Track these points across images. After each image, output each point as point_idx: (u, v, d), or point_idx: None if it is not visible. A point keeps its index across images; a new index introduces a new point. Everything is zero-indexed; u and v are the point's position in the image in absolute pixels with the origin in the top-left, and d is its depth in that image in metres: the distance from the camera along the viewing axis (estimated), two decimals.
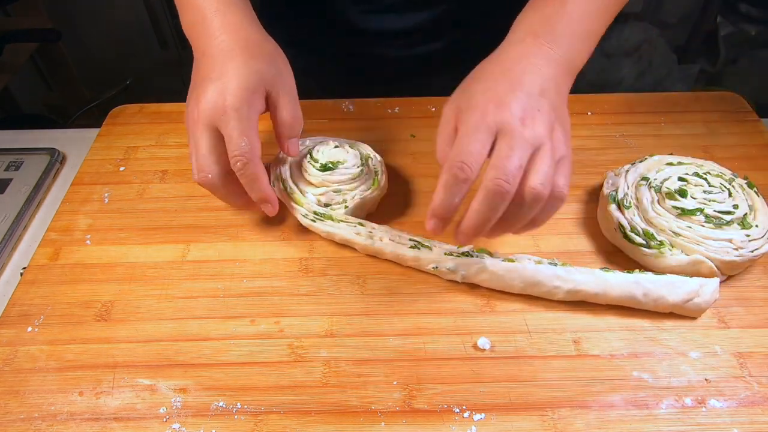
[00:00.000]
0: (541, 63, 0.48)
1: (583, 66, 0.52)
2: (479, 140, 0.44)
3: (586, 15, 0.51)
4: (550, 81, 0.48)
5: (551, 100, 0.47)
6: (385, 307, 0.52)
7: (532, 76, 0.48)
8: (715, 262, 0.51)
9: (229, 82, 0.50)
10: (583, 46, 0.51)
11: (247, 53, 0.51)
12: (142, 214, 0.61)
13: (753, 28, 1.50)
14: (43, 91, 1.72)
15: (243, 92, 0.50)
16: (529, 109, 0.45)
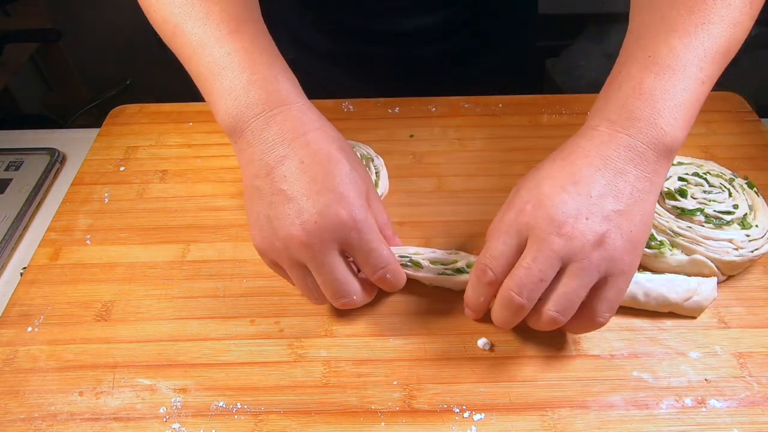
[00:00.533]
0: (614, 156, 0.41)
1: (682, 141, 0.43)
2: (506, 243, 0.42)
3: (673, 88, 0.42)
4: (624, 178, 0.41)
5: (618, 201, 0.41)
6: (385, 307, 0.52)
7: (598, 173, 0.41)
8: (715, 262, 0.51)
9: (347, 193, 0.43)
10: (676, 121, 0.42)
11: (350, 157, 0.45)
12: (142, 214, 0.61)
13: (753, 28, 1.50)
14: (43, 91, 1.72)
15: (363, 201, 0.44)
16: (575, 214, 0.40)
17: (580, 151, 0.42)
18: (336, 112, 0.72)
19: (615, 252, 0.40)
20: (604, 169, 0.41)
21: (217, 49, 0.45)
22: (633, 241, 0.41)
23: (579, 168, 0.42)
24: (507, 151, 0.67)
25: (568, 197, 0.41)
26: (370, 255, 0.44)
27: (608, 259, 0.40)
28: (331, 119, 0.70)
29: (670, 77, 0.42)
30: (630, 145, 0.41)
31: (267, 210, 0.44)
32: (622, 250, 0.41)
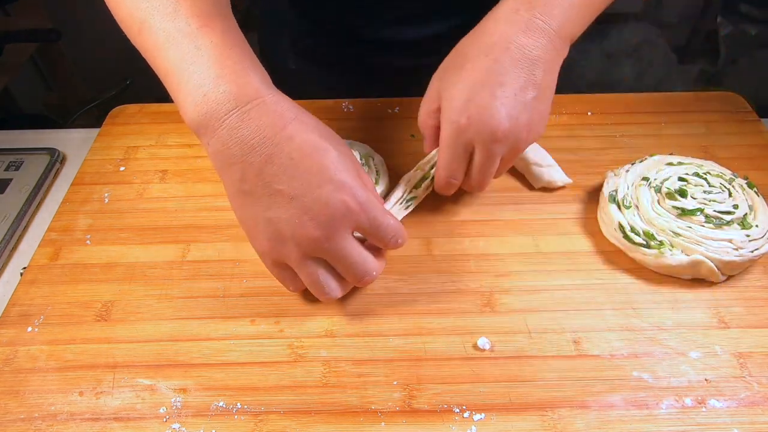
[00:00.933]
0: (531, 44, 0.48)
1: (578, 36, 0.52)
2: (456, 155, 0.51)
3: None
4: (539, 67, 0.48)
5: (536, 91, 0.48)
6: (385, 307, 0.52)
7: (515, 68, 0.48)
8: (715, 262, 0.51)
9: (344, 179, 0.43)
10: (580, 16, 0.50)
11: (332, 140, 0.45)
12: (142, 214, 0.61)
13: (753, 28, 1.51)
14: (43, 91, 1.72)
15: (360, 180, 0.45)
16: (506, 118, 0.48)
17: (502, 42, 0.48)
18: (336, 112, 0.72)
19: (536, 131, 0.50)
20: (523, 61, 0.48)
21: (186, 45, 0.43)
22: (545, 116, 0.51)
23: (503, 66, 0.47)
24: None
25: (499, 104, 0.47)
26: (380, 230, 0.46)
27: (533, 138, 0.51)
28: (332, 119, 0.70)
29: None
30: (543, 31, 0.48)
31: (266, 212, 0.43)
32: (539, 127, 0.50)
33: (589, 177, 0.63)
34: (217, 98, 0.42)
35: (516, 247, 0.57)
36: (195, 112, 0.43)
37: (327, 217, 0.42)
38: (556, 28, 0.48)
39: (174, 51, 0.43)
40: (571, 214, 0.60)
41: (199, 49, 0.43)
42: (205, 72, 0.42)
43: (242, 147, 0.42)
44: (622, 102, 0.73)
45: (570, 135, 0.69)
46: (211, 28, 0.44)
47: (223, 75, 0.42)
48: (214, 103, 0.42)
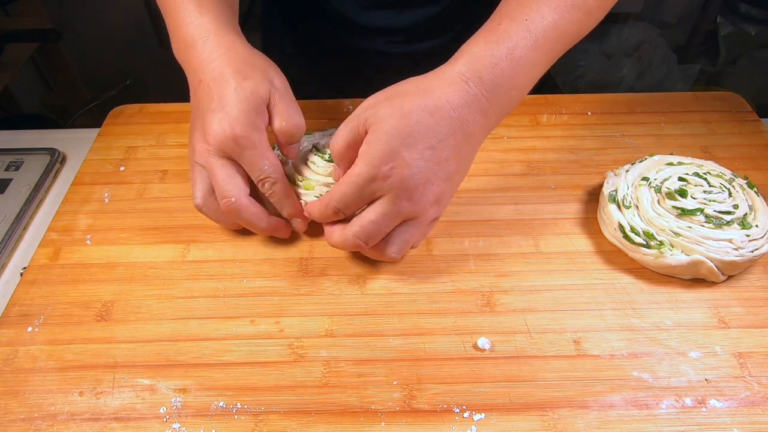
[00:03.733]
0: (471, 120, 0.47)
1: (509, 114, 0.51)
2: (361, 197, 0.48)
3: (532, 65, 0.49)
4: (468, 143, 0.48)
5: (458, 165, 0.48)
6: (385, 307, 0.52)
7: (450, 137, 0.47)
8: (715, 262, 0.51)
9: (231, 109, 0.50)
10: (517, 98, 0.50)
11: (240, 75, 0.51)
12: (142, 214, 0.61)
13: (753, 28, 1.51)
14: (43, 91, 1.72)
15: (247, 117, 0.50)
16: (422, 182, 0.47)
17: (447, 109, 0.47)
18: (337, 112, 0.72)
19: (444, 206, 0.50)
20: (458, 132, 0.47)
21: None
22: (453, 193, 0.51)
23: (440, 131, 0.46)
24: (507, 151, 0.67)
25: (423, 165, 0.46)
26: (252, 167, 0.51)
27: (439, 212, 0.50)
28: (332, 119, 0.70)
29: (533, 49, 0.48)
30: (484, 111, 0.48)
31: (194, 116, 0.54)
32: (444, 203, 0.50)
33: (589, 177, 0.63)
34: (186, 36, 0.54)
35: (516, 247, 0.57)
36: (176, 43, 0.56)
37: (213, 138, 0.50)
38: (496, 110, 0.48)
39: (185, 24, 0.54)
40: (571, 214, 0.60)
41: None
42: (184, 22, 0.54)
43: (193, 75, 0.53)
44: (622, 102, 0.73)
45: (570, 135, 0.69)
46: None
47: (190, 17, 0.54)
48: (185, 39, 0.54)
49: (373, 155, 0.46)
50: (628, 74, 1.52)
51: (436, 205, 0.49)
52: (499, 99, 0.48)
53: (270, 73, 0.54)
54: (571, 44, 0.52)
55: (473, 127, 0.48)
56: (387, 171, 0.46)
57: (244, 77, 0.51)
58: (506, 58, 0.47)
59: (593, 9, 0.51)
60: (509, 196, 0.62)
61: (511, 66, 0.47)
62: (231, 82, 0.51)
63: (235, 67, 0.51)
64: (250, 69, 0.52)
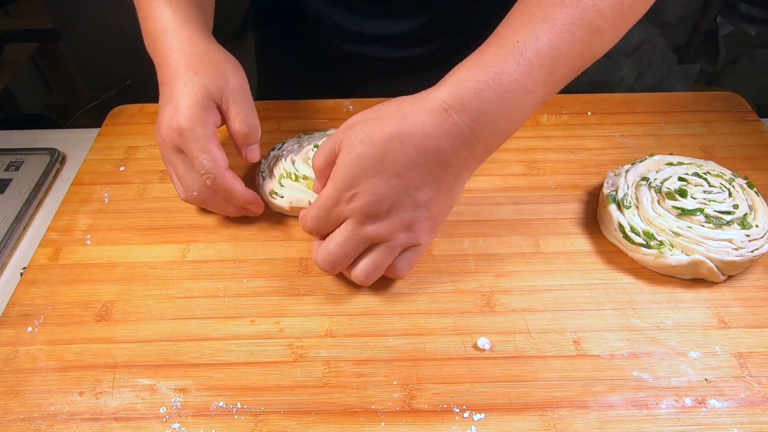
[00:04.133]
0: (447, 148, 0.44)
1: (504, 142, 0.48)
2: (327, 220, 0.49)
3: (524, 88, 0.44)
4: (442, 171, 0.45)
5: (435, 193, 0.46)
6: (385, 307, 0.52)
7: (422, 165, 0.45)
8: (715, 262, 0.51)
9: (178, 103, 0.52)
10: (515, 125, 0.47)
11: (191, 70, 0.53)
12: (142, 214, 0.61)
13: (753, 28, 1.51)
14: (43, 91, 1.72)
15: (192, 111, 0.51)
16: (387, 208, 0.46)
17: (421, 135, 0.44)
18: (336, 112, 0.72)
19: (419, 232, 0.48)
20: (432, 161, 0.45)
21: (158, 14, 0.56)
22: (436, 220, 0.49)
23: (409, 158, 0.44)
24: (507, 151, 0.67)
25: (387, 192, 0.45)
26: (194, 162, 0.52)
27: (412, 238, 0.48)
28: (332, 119, 0.70)
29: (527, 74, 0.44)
30: (468, 141, 0.44)
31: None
32: (426, 229, 0.48)
33: (589, 177, 0.63)
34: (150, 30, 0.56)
35: (516, 247, 0.57)
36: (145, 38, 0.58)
37: (163, 131, 0.53)
38: (482, 140, 0.45)
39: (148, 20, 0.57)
40: (571, 214, 0.60)
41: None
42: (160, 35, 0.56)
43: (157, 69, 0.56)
44: (622, 102, 0.73)
45: (570, 135, 0.69)
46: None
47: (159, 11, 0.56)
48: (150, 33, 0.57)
49: (338, 179, 0.47)
50: (628, 74, 1.52)
51: (407, 231, 0.48)
52: (484, 128, 0.44)
53: (225, 71, 0.54)
54: (581, 67, 0.47)
55: (451, 157, 0.45)
56: (349, 196, 0.47)
57: (195, 73, 0.52)
58: (493, 84, 0.43)
59: (603, 28, 0.46)
60: (509, 196, 0.62)
61: (497, 92, 0.43)
62: (182, 77, 0.52)
63: (187, 62, 0.53)
64: (202, 65, 0.53)
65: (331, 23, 0.76)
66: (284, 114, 0.72)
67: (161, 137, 0.53)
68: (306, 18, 0.78)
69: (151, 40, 0.56)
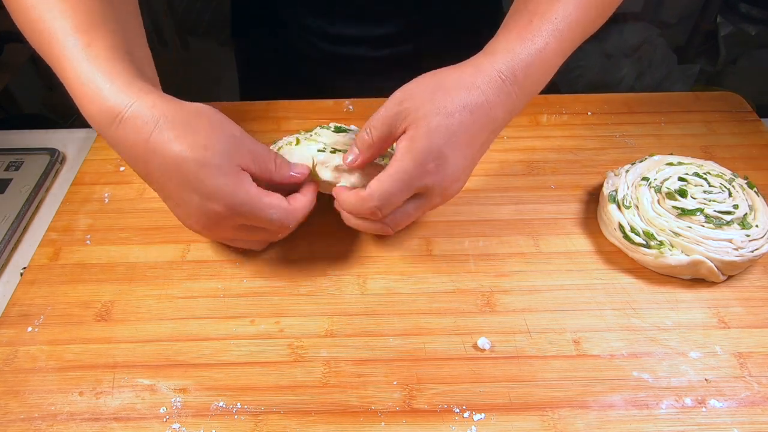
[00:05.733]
0: (502, 118, 0.48)
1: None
2: (401, 195, 0.47)
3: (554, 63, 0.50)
4: (493, 135, 0.49)
5: (482, 155, 0.50)
6: (385, 307, 0.52)
7: (482, 133, 0.48)
8: (715, 262, 0.51)
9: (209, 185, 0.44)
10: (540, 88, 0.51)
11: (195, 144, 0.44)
12: (142, 214, 0.61)
13: (753, 28, 1.51)
14: (43, 91, 1.72)
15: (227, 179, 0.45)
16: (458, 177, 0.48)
17: (485, 107, 0.47)
18: (337, 113, 0.72)
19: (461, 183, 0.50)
20: (489, 128, 0.48)
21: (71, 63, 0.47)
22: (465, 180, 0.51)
23: (478, 127, 0.47)
24: (507, 151, 0.67)
25: (461, 163, 0.48)
26: (263, 222, 0.47)
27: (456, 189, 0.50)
28: (332, 119, 0.70)
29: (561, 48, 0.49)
30: (513, 110, 0.49)
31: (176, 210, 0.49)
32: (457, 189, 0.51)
33: (589, 177, 0.63)
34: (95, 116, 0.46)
35: (516, 247, 0.57)
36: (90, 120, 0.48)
37: (207, 221, 0.47)
38: (518, 107, 0.49)
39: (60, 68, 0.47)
40: (571, 214, 0.60)
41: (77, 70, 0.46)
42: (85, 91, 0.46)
43: (128, 159, 0.46)
44: (622, 102, 0.73)
45: (570, 135, 0.69)
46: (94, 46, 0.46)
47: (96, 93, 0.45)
48: (96, 119, 0.46)
49: (418, 151, 0.46)
50: (628, 74, 1.52)
51: (456, 183, 0.50)
52: (525, 98, 0.49)
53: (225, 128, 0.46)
54: (581, 42, 0.52)
55: (501, 124, 0.49)
56: (432, 168, 0.46)
57: (201, 144, 0.44)
58: (538, 58, 0.48)
59: (606, 6, 0.52)
60: (509, 196, 0.62)
61: (541, 66, 0.48)
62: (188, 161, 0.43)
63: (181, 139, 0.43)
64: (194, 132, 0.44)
65: (316, 27, 0.77)
66: (284, 114, 0.72)
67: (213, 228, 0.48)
68: (287, 22, 0.79)
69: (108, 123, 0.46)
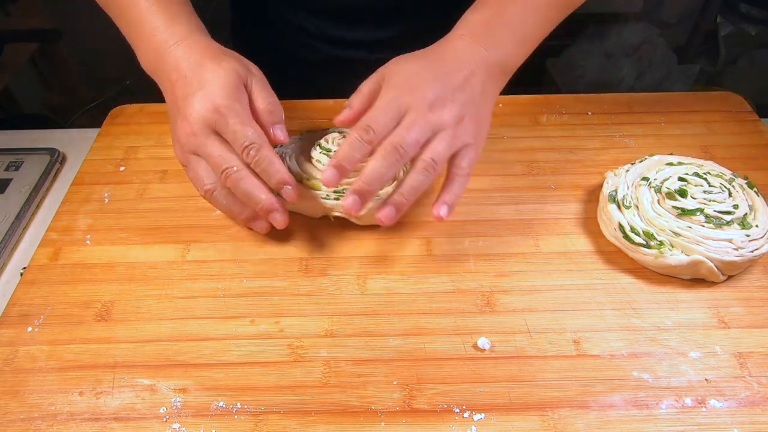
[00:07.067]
0: (472, 61, 0.54)
1: (516, 68, 0.57)
2: (389, 114, 0.51)
3: (524, 22, 0.56)
4: (476, 79, 0.54)
5: (471, 95, 0.53)
6: (385, 307, 0.52)
7: (459, 72, 0.53)
8: (715, 262, 0.51)
9: (211, 86, 0.51)
10: (518, 50, 0.56)
11: (216, 60, 0.53)
12: (142, 214, 0.61)
13: (753, 28, 1.51)
14: (43, 91, 1.72)
15: (228, 90, 0.51)
16: (442, 98, 0.52)
17: (450, 53, 0.55)
18: (337, 112, 0.71)
19: (468, 129, 0.53)
20: (463, 69, 0.53)
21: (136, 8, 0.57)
22: (479, 125, 0.55)
23: (446, 66, 0.54)
24: (507, 151, 0.67)
25: (438, 85, 0.52)
26: (236, 136, 0.51)
27: (464, 133, 0.52)
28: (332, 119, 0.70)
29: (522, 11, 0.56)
30: (483, 56, 0.54)
31: (173, 124, 0.55)
32: (472, 129, 0.53)
33: (589, 177, 0.63)
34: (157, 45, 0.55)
35: (516, 247, 0.57)
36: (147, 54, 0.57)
37: (194, 116, 0.51)
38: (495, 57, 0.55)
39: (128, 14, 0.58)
40: (571, 214, 0.60)
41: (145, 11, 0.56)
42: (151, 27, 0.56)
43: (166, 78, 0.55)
44: (622, 102, 0.73)
45: (570, 135, 0.69)
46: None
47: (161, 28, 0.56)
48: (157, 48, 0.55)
49: (396, 80, 0.53)
50: (628, 74, 1.52)
51: (461, 123, 0.52)
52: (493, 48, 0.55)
53: (245, 61, 0.56)
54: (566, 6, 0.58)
55: (475, 68, 0.54)
56: (408, 88, 0.52)
57: (221, 61, 0.53)
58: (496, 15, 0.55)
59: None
60: (509, 196, 0.62)
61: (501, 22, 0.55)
62: (208, 66, 0.53)
63: (211, 55, 0.54)
64: (226, 56, 0.54)
65: (315, 29, 0.77)
66: (284, 114, 0.72)
67: (194, 122, 0.51)
68: (287, 24, 0.79)
69: (158, 55, 0.55)
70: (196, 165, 0.53)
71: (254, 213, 0.55)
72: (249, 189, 0.52)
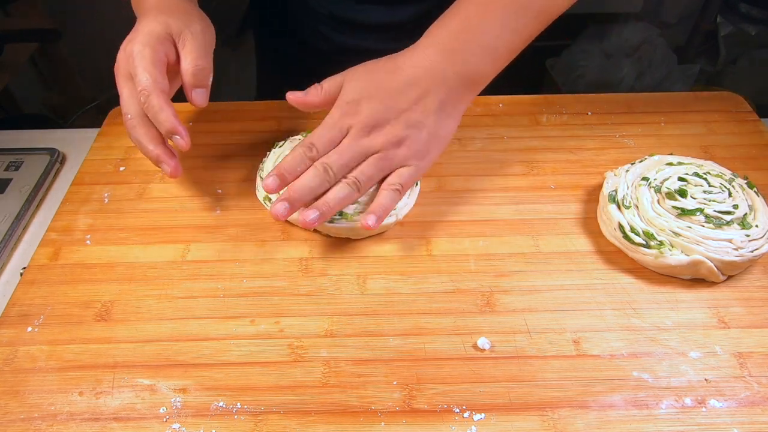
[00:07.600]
0: (431, 79, 0.54)
1: (490, 80, 0.57)
2: (332, 132, 0.54)
3: (496, 35, 0.55)
4: (431, 98, 0.54)
5: (420, 116, 0.54)
6: (385, 307, 0.52)
7: (412, 91, 0.54)
8: (715, 262, 0.51)
9: (137, 34, 0.54)
10: (489, 62, 0.56)
11: (158, 11, 0.56)
12: (142, 214, 0.61)
13: (753, 28, 1.51)
14: (43, 91, 1.72)
15: (147, 38, 0.54)
16: (383, 121, 0.54)
17: (408, 69, 0.55)
18: None
19: (409, 151, 0.55)
20: (417, 88, 0.54)
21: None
22: (428, 145, 0.56)
23: (399, 83, 0.54)
24: (507, 151, 0.67)
25: (381, 108, 0.54)
26: (134, 78, 0.53)
27: (399, 156, 0.55)
28: None
29: (492, 22, 0.55)
30: (445, 72, 0.54)
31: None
32: (415, 150, 0.55)
33: (589, 177, 0.63)
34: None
35: (516, 247, 0.57)
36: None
37: (117, 59, 0.55)
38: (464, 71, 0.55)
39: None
40: (571, 214, 0.60)
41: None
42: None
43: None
44: (622, 102, 0.73)
45: (570, 135, 0.69)
46: None
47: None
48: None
49: (342, 100, 0.55)
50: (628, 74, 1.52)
51: (397, 146, 0.54)
52: (457, 64, 0.55)
53: (193, 18, 0.57)
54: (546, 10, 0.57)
55: (431, 84, 0.54)
56: (353, 111, 0.54)
57: (161, 12, 0.56)
58: (463, 27, 0.55)
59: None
60: (509, 196, 0.62)
61: (467, 34, 0.55)
62: (149, 15, 0.56)
63: (160, 7, 0.57)
64: (171, 10, 0.57)
65: (328, 13, 0.77)
66: (284, 114, 0.72)
67: (116, 65, 0.55)
68: (302, 10, 0.79)
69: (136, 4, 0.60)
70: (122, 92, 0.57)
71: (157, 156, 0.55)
72: (138, 138, 0.55)
